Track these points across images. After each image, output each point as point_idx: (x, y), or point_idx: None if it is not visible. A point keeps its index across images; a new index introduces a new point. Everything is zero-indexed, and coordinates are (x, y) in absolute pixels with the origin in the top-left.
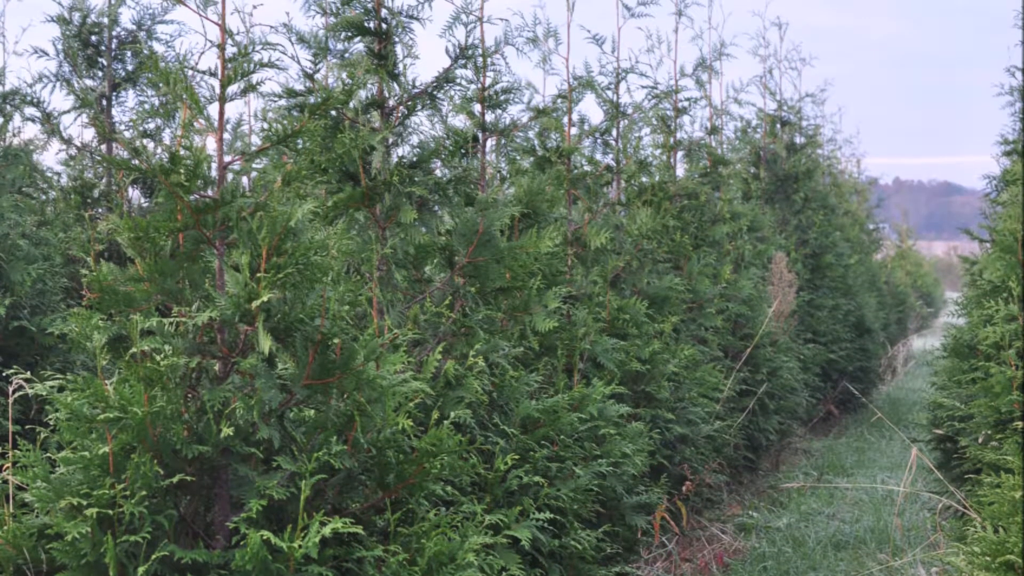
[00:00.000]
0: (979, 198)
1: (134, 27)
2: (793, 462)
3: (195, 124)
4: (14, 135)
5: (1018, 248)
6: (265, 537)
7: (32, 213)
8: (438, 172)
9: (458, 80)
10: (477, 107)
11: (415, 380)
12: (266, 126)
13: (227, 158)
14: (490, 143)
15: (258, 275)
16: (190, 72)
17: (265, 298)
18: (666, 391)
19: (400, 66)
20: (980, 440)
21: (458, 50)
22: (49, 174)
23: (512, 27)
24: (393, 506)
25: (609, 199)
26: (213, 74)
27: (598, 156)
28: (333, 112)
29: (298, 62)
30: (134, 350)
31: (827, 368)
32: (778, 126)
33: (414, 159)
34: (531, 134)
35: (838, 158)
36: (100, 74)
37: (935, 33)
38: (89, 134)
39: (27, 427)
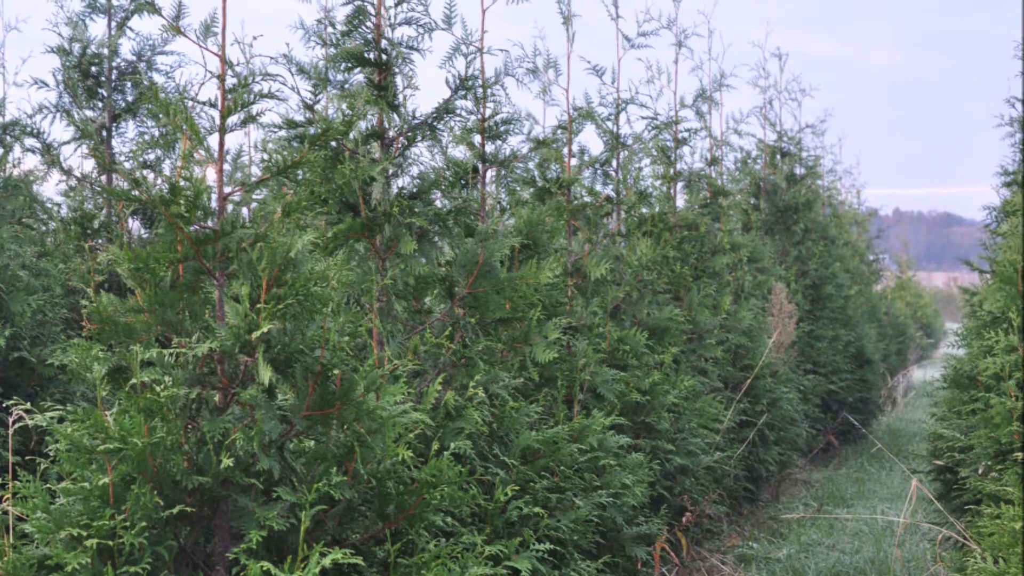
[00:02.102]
0: (979, 229)
1: (134, 58)
2: (793, 493)
3: (195, 155)
4: (14, 166)
5: (1018, 279)
6: (265, 568)
7: (32, 244)
8: (438, 203)
9: (458, 111)
10: (477, 138)
11: (415, 411)
12: (266, 157)
13: (227, 189)
14: (490, 174)
15: (258, 306)
16: (190, 103)
17: (265, 329)
18: (666, 422)
19: (400, 97)
20: (980, 471)
21: (458, 81)
22: (49, 205)
23: (512, 58)
24: (393, 537)
25: (609, 230)
26: (213, 105)
27: (598, 187)
28: (333, 143)
29: (298, 93)
30: (134, 381)
31: (827, 399)
32: (778, 157)
33: (414, 190)
34: (531, 165)
35: (838, 189)
36: (100, 105)
37: (935, 63)
38: (89, 165)
39: (27, 458)
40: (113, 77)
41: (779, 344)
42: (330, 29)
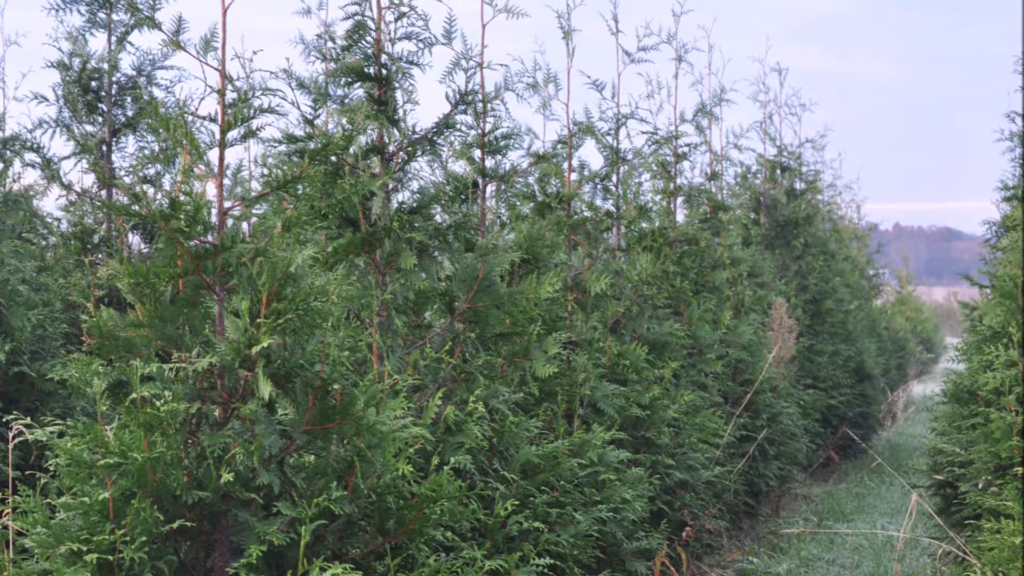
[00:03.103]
0: (979, 244)
1: (134, 73)
2: (793, 508)
3: (195, 170)
4: (14, 181)
5: (1018, 294)
6: None
7: (32, 259)
8: (438, 218)
9: (458, 126)
10: (477, 152)
11: (415, 426)
12: (266, 172)
13: (227, 204)
14: (490, 189)
15: (258, 321)
16: (190, 118)
17: (265, 344)
18: (666, 437)
19: (400, 112)
20: (980, 486)
21: (458, 96)
22: (49, 220)
23: (512, 73)
24: (393, 552)
25: (609, 245)
26: (213, 120)
27: (598, 202)
28: (333, 158)
29: (298, 108)
30: (134, 396)
31: (827, 414)
32: (778, 172)
33: (414, 205)
34: (531, 179)
35: (838, 204)
36: (100, 120)
37: (935, 79)
38: (89, 180)
39: (27, 473)
40: (113, 92)
41: (779, 359)
42: (330, 44)
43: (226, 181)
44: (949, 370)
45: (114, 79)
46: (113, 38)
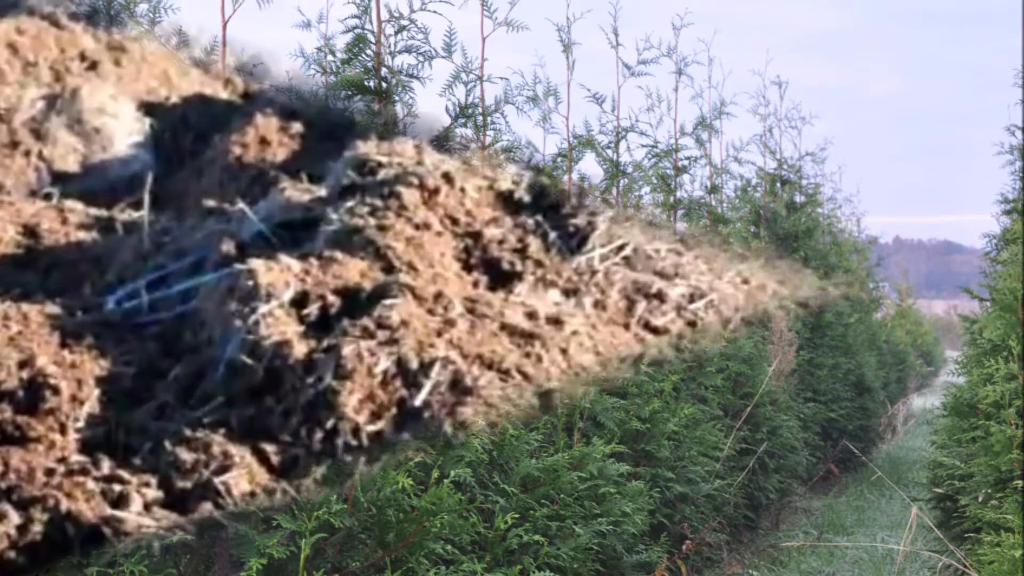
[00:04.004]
0: (979, 257)
1: None
2: (793, 521)
3: None
4: None
5: (1018, 307)
6: None
7: None
8: None
9: (458, 139)
10: None
11: None
12: None
13: None
14: None
15: None
16: None
17: None
18: (666, 450)
19: (400, 125)
20: (980, 499)
21: (458, 109)
22: None
23: (512, 86)
24: (393, 565)
25: None
26: None
27: None
28: None
29: None
30: None
31: (827, 427)
32: (778, 185)
33: None
34: None
35: (838, 217)
36: None
37: (935, 92)
38: None
39: None
40: None
41: (779, 372)
42: (330, 57)
43: None
44: (949, 383)
45: None
46: None
